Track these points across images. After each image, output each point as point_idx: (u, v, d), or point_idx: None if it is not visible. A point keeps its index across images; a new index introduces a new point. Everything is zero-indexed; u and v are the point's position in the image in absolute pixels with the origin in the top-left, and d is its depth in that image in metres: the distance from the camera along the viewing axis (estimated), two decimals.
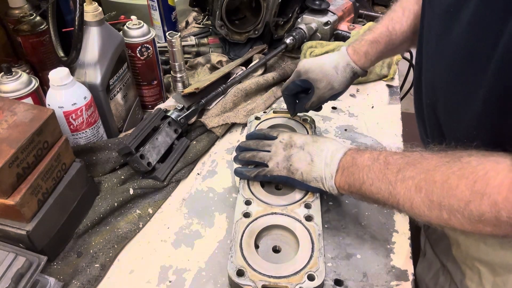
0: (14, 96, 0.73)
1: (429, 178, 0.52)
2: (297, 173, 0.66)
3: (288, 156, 0.67)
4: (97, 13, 0.78)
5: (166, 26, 1.18)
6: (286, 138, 0.69)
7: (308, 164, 0.65)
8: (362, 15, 1.34)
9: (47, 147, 0.64)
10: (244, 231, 0.65)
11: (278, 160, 0.68)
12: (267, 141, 0.71)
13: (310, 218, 0.67)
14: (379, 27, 0.79)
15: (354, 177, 0.61)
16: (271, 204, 0.70)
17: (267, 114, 0.91)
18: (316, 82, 0.76)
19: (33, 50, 0.92)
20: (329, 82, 0.76)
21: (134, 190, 0.77)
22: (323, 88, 0.76)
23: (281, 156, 0.67)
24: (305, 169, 0.65)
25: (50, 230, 0.65)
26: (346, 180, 0.62)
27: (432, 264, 0.83)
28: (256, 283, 0.58)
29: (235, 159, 0.75)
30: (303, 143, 0.67)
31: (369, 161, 0.60)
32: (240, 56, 1.13)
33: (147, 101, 1.01)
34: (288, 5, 1.18)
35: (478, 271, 0.69)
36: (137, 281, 0.66)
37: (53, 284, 0.59)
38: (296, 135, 0.70)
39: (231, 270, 0.59)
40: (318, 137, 0.69)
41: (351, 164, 0.62)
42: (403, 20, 0.77)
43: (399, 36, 0.78)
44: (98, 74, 0.80)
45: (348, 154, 0.63)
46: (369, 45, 0.77)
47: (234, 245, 0.63)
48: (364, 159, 0.61)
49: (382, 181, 0.57)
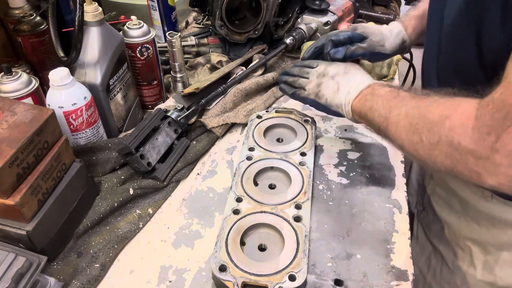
0: (14, 96, 0.73)
1: (419, 106, 0.57)
2: (322, 98, 0.74)
3: (319, 83, 0.75)
4: (97, 13, 0.78)
5: (166, 26, 1.18)
6: (322, 68, 0.76)
7: (334, 92, 0.72)
8: (362, 15, 1.34)
9: (47, 147, 0.64)
10: (231, 228, 0.66)
11: (311, 86, 0.76)
12: (307, 69, 0.78)
13: (299, 219, 0.68)
14: (422, 4, 0.84)
15: (366, 104, 0.67)
16: (262, 202, 0.70)
17: (269, 113, 0.91)
18: (372, 35, 0.80)
19: (33, 50, 0.92)
20: (382, 38, 0.81)
21: (134, 190, 0.77)
22: (377, 41, 0.80)
23: (313, 83, 0.76)
24: (330, 96, 0.73)
25: (50, 230, 0.65)
26: (360, 106, 0.68)
27: (424, 248, 0.86)
28: (237, 279, 0.58)
29: (280, 80, 0.84)
30: (335, 73, 0.73)
31: (385, 93, 0.65)
32: (240, 56, 1.13)
33: (147, 101, 1.01)
34: (288, 5, 1.18)
35: (469, 251, 0.72)
36: (137, 281, 0.66)
37: (53, 284, 0.59)
38: (331, 66, 0.75)
39: (213, 265, 0.60)
40: (350, 68, 0.74)
41: (369, 93, 0.68)
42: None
43: None
44: (98, 74, 0.80)
45: (371, 86, 0.69)
46: (416, 19, 0.84)
47: (219, 241, 0.64)
48: (381, 91, 0.66)
49: (384, 108, 0.62)
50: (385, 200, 0.77)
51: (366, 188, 0.80)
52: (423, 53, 0.79)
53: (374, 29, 0.82)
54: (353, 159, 0.86)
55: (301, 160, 0.79)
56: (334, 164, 0.85)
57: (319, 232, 0.72)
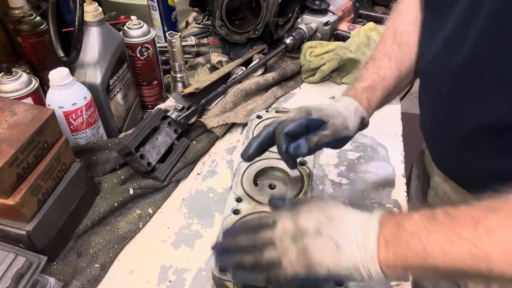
0: (14, 96, 0.73)
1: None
2: (319, 267, 0.48)
3: (303, 248, 0.48)
4: (97, 13, 0.78)
5: (166, 26, 1.18)
6: (290, 226, 0.49)
7: (334, 252, 0.47)
8: (362, 15, 1.34)
9: (47, 147, 0.64)
10: None
11: (291, 257, 0.48)
12: (265, 232, 0.51)
13: None
14: (367, 75, 0.71)
15: (409, 248, 0.44)
16: (262, 202, 0.70)
17: (269, 113, 0.91)
18: (332, 118, 0.63)
19: (33, 50, 0.92)
20: (344, 120, 0.64)
21: (134, 190, 0.77)
22: (340, 125, 0.63)
23: (293, 252, 0.48)
24: (332, 260, 0.47)
25: (50, 230, 0.65)
26: (396, 255, 0.45)
27: None
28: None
29: (219, 260, 0.56)
30: (317, 225, 0.49)
31: (423, 221, 0.45)
32: (240, 56, 1.13)
33: (147, 101, 1.01)
34: (288, 5, 1.18)
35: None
36: (137, 281, 0.66)
37: (53, 284, 0.59)
38: (301, 217, 0.50)
39: (213, 265, 0.60)
40: (330, 209, 0.51)
41: (397, 233, 0.46)
42: (392, 65, 0.71)
43: (393, 80, 0.71)
44: (98, 74, 0.80)
45: (386, 222, 0.47)
46: (367, 91, 0.69)
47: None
48: (414, 222, 0.46)
49: (457, 243, 0.42)
50: (385, 200, 0.77)
51: (366, 188, 0.80)
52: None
53: (331, 110, 0.64)
54: (353, 159, 0.86)
55: (301, 160, 0.79)
56: (334, 164, 0.85)
57: None
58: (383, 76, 0.70)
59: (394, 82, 0.70)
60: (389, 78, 0.70)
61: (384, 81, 0.70)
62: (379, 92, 0.69)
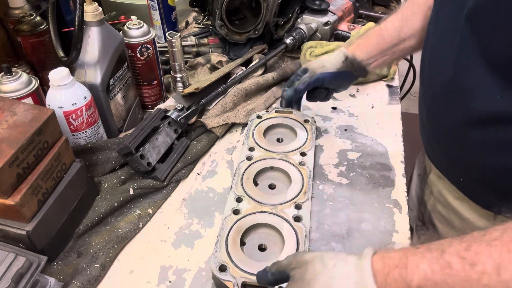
0: (14, 96, 0.73)
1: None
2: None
3: None
4: (97, 13, 0.78)
5: (166, 26, 1.18)
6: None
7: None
8: (362, 15, 1.34)
9: (47, 147, 0.64)
10: (231, 228, 0.66)
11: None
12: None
13: (299, 219, 0.68)
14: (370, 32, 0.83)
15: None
16: (262, 202, 0.70)
17: (269, 113, 0.91)
18: (312, 64, 0.83)
19: (33, 50, 0.92)
20: (322, 61, 0.82)
21: (134, 190, 0.77)
22: (316, 66, 0.81)
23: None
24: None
25: (50, 230, 0.65)
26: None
27: None
28: (237, 279, 0.58)
29: None
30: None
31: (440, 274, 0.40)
32: (240, 56, 1.13)
33: (147, 101, 1.01)
34: (288, 5, 1.18)
35: None
36: (137, 281, 0.66)
37: (53, 284, 0.59)
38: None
39: (213, 265, 0.60)
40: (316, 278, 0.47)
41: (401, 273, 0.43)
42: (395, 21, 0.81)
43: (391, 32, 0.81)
44: (98, 74, 0.80)
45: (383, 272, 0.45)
46: (361, 38, 0.83)
47: (220, 241, 0.64)
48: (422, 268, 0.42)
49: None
50: (385, 200, 0.77)
51: (366, 188, 0.80)
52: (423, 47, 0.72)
53: (314, 60, 0.84)
54: (353, 159, 0.86)
55: (301, 160, 0.79)
56: (334, 164, 0.85)
57: (319, 232, 0.72)
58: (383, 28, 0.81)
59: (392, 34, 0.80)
60: (386, 30, 0.80)
61: (381, 30, 0.81)
62: (374, 39, 0.81)
